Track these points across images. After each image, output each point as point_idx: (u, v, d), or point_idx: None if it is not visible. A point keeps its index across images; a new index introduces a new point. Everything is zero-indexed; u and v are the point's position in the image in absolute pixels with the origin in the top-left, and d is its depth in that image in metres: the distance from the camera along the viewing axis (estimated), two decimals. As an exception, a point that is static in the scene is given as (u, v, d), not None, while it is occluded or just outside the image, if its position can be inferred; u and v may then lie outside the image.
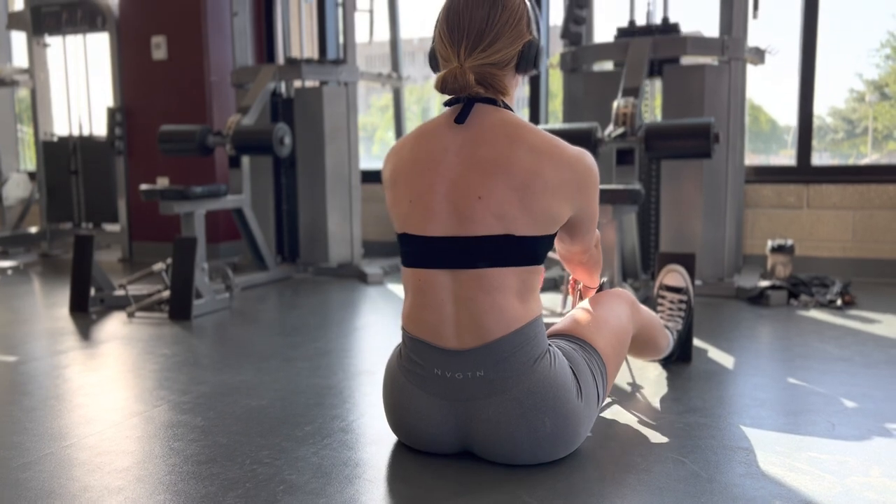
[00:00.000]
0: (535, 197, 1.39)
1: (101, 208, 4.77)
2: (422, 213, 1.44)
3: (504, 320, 1.40)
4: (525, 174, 1.39)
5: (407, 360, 1.50)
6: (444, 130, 1.46)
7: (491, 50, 1.41)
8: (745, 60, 3.38)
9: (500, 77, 1.45)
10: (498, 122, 1.43)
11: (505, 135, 1.41)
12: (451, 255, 1.42)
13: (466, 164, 1.41)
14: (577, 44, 3.54)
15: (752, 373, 2.14)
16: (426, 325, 1.45)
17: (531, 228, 1.41)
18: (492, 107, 1.45)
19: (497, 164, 1.39)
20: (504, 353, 1.40)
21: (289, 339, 2.61)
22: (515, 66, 1.46)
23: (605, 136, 2.92)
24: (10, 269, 4.31)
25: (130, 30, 4.53)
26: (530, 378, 1.41)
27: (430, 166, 1.44)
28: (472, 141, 1.42)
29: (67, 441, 1.65)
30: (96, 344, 2.59)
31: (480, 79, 1.42)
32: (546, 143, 1.42)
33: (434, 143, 1.45)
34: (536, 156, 1.40)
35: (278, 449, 1.58)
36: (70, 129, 4.88)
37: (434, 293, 1.44)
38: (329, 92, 3.90)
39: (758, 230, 3.82)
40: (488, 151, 1.40)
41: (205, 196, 3.28)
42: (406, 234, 1.48)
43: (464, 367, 1.42)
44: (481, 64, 1.42)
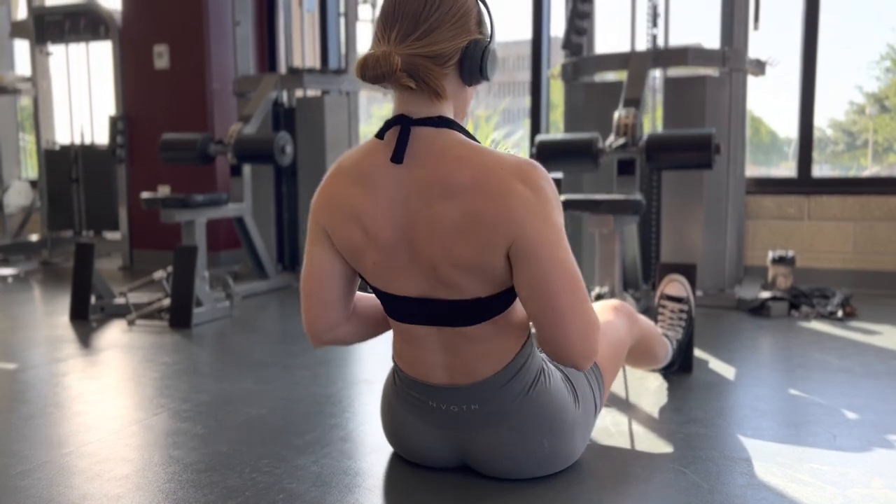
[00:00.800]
0: (478, 249, 1.23)
1: (102, 216, 4.77)
2: (388, 274, 1.31)
3: (494, 361, 1.35)
4: (465, 226, 1.22)
5: (402, 390, 1.46)
6: (386, 171, 1.27)
7: (427, 40, 1.22)
8: (745, 71, 3.39)
9: (437, 74, 1.24)
10: (442, 158, 1.24)
11: (443, 180, 1.23)
12: (428, 314, 1.33)
13: (417, 223, 1.25)
14: (578, 54, 3.55)
15: (753, 383, 2.14)
16: (416, 367, 1.41)
17: (491, 288, 1.28)
18: (432, 130, 1.26)
19: (442, 224, 1.23)
20: (497, 385, 1.36)
21: (289, 348, 2.60)
22: (459, 69, 1.27)
23: (606, 147, 2.93)
24: (11, 276, 4.31)
25: (133, 38, 4.55)
26: (525, 407, 1.37)
27: (385, 225, 1.27)
28: (417, 191, 1.25)
29: (67, 449, 1.65)
30: (96, 352, 2.59)
31: (410, 70, 1.22)
32: (481, 173, 1.22)
33: (381, 193, 1.27)
34: (474, 196, 1.21)
35: (278, 457, 1.58)
36: (72, 137, 4.90)
37: (420, 343, 1.38)
38: (330, 101, 3.91)
39: (759, 241, 3.82)
40: (432, 208, 1.23)
41: (206, 204, 3.29)
42: (377, 290, 1.37)
43: (458, 402, 1.38)
44: (414, 53, 1.22)
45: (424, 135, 1.26)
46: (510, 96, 8.84)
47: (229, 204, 3.57)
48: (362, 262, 1.33)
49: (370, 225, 1.28)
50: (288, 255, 4.13)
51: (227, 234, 4.53)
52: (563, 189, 3.60)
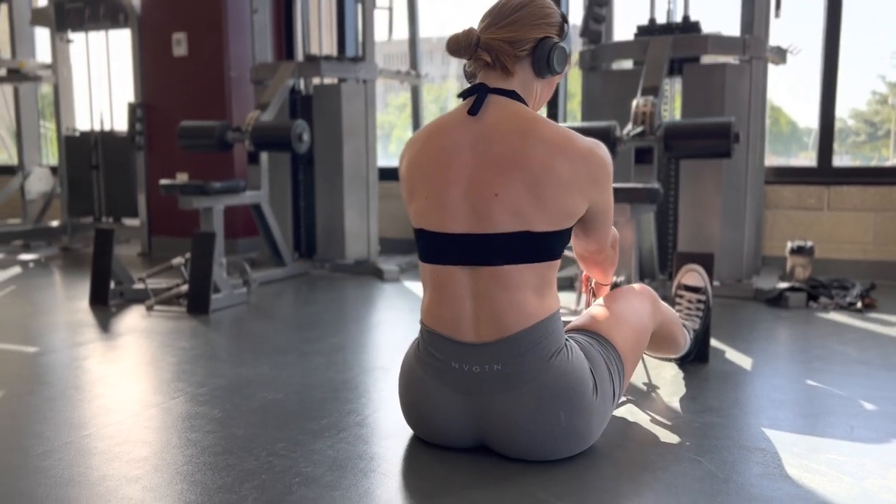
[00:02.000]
0: (549, 192, 1.39)
1: (122, 203, 4.81)
2: (438, 211, 1.44)
3: (522, 315, 1.41)
4: (539, 169, 1.39)
5: (425, 353, 1.50)
6: (458, 125, 1.46)
7: (507, 29, 1.45)
8: (766, 60, 3.35)
9: (510, 54, 1.45)
10: (510, 115, 1.44)
11: (517, 129, 1.42)
12: (469, 252, 1.42)
13: (481, 161, 1.42)
14: (596, 42, 3.52)
15: (770, 374, 2.13)
16: (444, 320, 1.46)
17: (547, 224, 1.41)
18: (505, 98, 1.46)
19: (511, 161, 1.40)
20: (522, 347, 1.41)
21: (305, 335, 2.62)
22: (532, 59, 1.47)
23: (623, 135, 2.91)
24: (32, 262, 4.37)
25: (152, 26, 4.57)
26: (547, 373, 1.41)
27: (445, 164, 1.44)
28: (486, 137, 1.43)
29: (87, 430, 1.67)
30: (115, 336, 2.62)
31: (487, 47, 1.45)
32: (559, 136, 1.42)
33: (448, 140, 1.46)
34: (549, 150, 1.40)
35: (294, 442, 1.59)
36: (92, 124, 4.93)
37: (452, 289, 1.44)
38: (347, 89, 3.91)
39: (777, 231, 3.78)
40: (502, 147, 1.41)
41: (223, 191, 3.30)
42: (423, 230, 1.48)
43: (481, 361, 1.42)
44: (493, 37, 1.45)
45: (498, 100, 1.46)
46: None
47: (247, 191, 3.58)
48: (416, 200, 1.48)
49: (431, 164, 1.46)
50: (305, 243, 4.15)
51: (245, 222, 4.56)
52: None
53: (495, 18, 1.47)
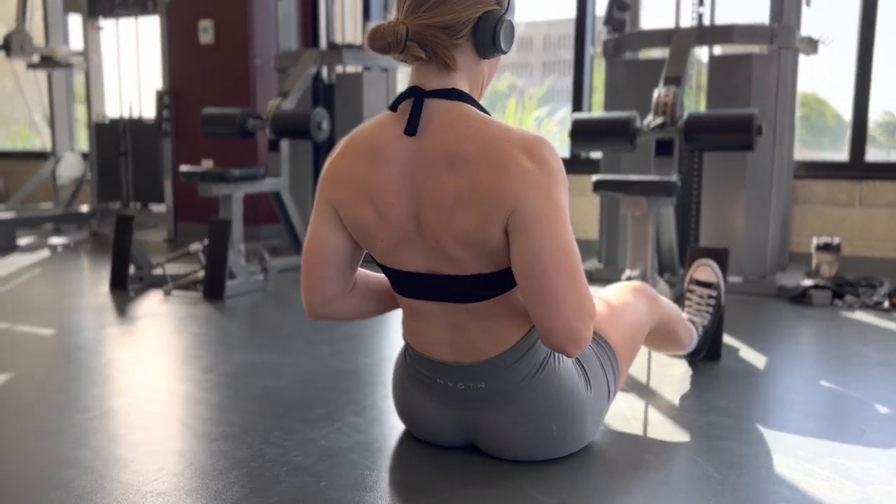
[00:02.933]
0: (477, 223, 1.21)
1: (149, 189, 4.88)
2: (397, 250, 1.31)
3: (499, 342, 1.34)
4: (467, 199, 1.21)
5: (412, 367, 1.46)
6: (398, 143, 1.25)
7: (438, 10, 1.21)
8: (796, 50, 3.25)
9: (447, 45, 1.23)
10: (452, 130, 1.23)
11: (453, 152, 1.22)
12: (434, 290, 1.32)
13: (423, 195, 1.24)
14: (620, 31, 3.45)
15: (783, 374, 2.07)
16: (423, 343, 1.40)
17: (491, 265, 1.26)
18: (445, 103, 1.25)
19: (446, 196, 1.22)
20: (502, 366, 1.35)
21: (315, 323, 2.62)
22: (473, 41, 1.25)
23: (643, 126, 2.85)
24: (61, 246, 4.45)
25: (179, 14, 4.61)
26: (533, 388, 1.36)
27: (394, 199, 1.26)
28: (425, 163, 1.24)
29: (92, 413, 1.69)
30: (131, 320, 2.65)
31: (419, 39, 1.21)
32: (486, 145, 1.21)
33: (392, 166, 1.25)
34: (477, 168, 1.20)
35: (289, 430, 1.59)
36: (121, 111, 5.00)
37: (428, 319, 1.38)
38: (369, 78, 3.90)
39: (806, 227, 3.68)
40: (437, 180, 1.22)
41: (242, 179, 3.32)
42: (385, 266, 1.37)
43: (465, 379, 1.38)
44: (423, 24, 1.21)
45: (436, 107, 1.25)
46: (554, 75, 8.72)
47: (266, 179, 3.60)
48: (371, 239, 1.31)
49: (380, 200, 1.26)
50: (325, 231, 4.15)
51: (268, 209, 4.58)
52: (600, 169, 3.53)
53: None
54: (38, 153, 5.97)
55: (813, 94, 5.34)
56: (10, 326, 2.50)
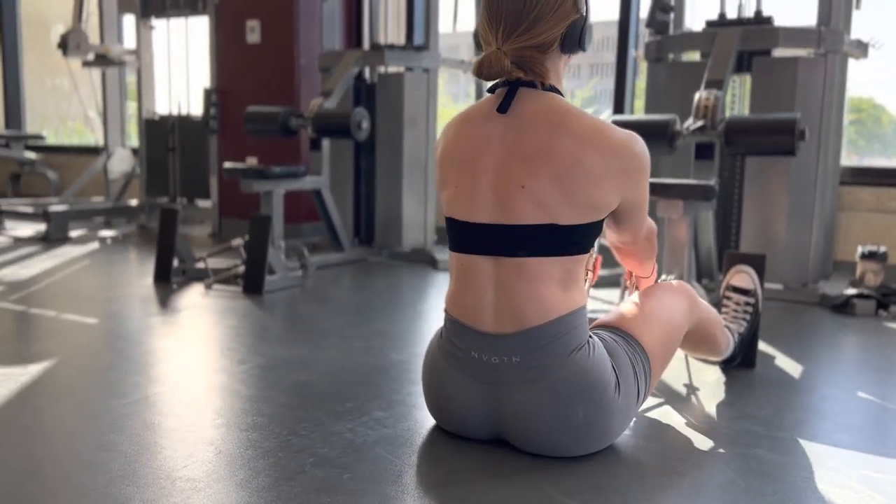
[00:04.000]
0: (578, 185, 1.37)
1: (195, 185, 5.00)
2: (466, 200, 1.44)
3: (543, 309, 1.39)
4: (568, 162, 1.37)
5: (447, 341, 1.51)
6: (488, 118, 1.44)
7: (530, 34, 1.38)
8: (844, 54, 3.17)
9: (541, 60, 1.42)
10: (541, 108, 1.41)
11: (547, 121, 1.39)
12: (493, 242, 1.42)
13: (509, 152, 1.40)
14: (663, 33, 3.42)
15: (819, 384, 2.03)
16: (467, 309, 1.46)
17: (575, 217, 1.39)
18: (535, 91, 1.43)
19: (539, 153, 1.38)
20: (541, 340, 1.39)
21: (351, 319, 2.66)
22: (560, 47, 1.43)
23: (683, 129, 2.82)
24: (111, 238, 4.59)
25: (228, 13, 4.71)
26: (566, 368, 1.39)
27: (474, 155, 1.43)
28: (515, 128, 1.41)
29: (128, 399, 1.75)
30: (172, 312, 2.72)
31: (519, 62, 1.40)
32: (590, 128, 1.39)
33: (477, 131, 1.45)
34: (579, 142, 1.37)
35: (316, 423, 1.62)
36: (170, 108, 5.13)
37: (476, 278, 1.44)
38: (411, 78, 3.93)
39: (852, 235, 3.59)
40: (530, 140, 1.39)
41: (283, 176, 3.38)
42: (451, 219, 1.49)
43: (500, 352, 1.41)
44: (520, 47, 1.39)
45: (528, 93, 1.43)
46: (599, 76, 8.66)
47: (307, 177, 3.66)
48: (448, 188, 1.48)
49: (462, 154, 1.45)
50: (364, 229, 4.21)
51: (309, 207, 4.64)
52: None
53: (511, 22, 1.38)
54: (91, 148, 6.16)
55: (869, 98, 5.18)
56: (58, 314, 2.59)
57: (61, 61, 5.32)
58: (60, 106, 7.15)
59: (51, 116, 7.31)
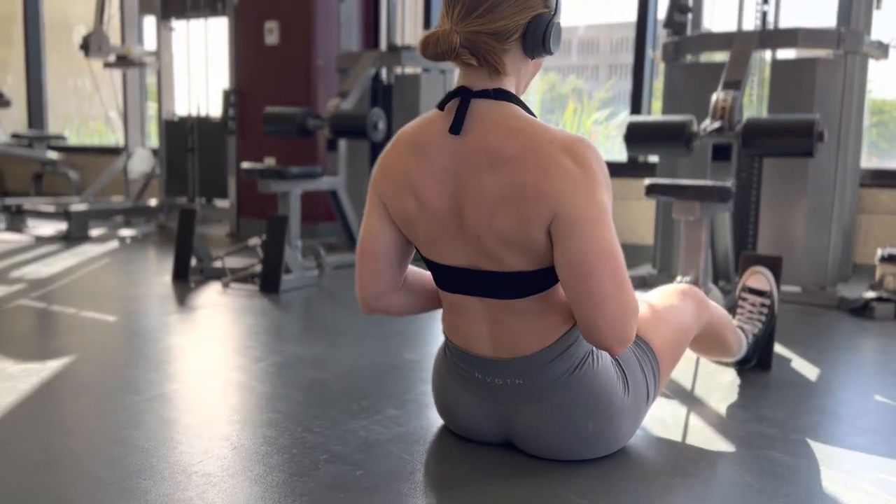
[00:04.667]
0: (518, 223, 1.24)
1: (214, 185, 5.04)
2: (438, 245, 1.35)
3: (537, 338, 1.36)
4: (507, 197, 1.23)
5: (451, 361, 1.49)
6: (441, 140, 1.29)
7: (489, 17, 1.23)
8: (864, 55, 3.14)
9: (498, 51, 1.25)
10: (493, 127, 1.26)
11: (494, 152, 1.25)
12: (475, 285, 1.35)
13: (465, 192, 1.28)
14: (680, 34, 3.41)
15: (836, 387, 2.01)
16: (463, 337, 1.43)
17: (531, 264, 1.29)
18: (490, 102, 1.27)
19: (488, 194, 1.25)
20: (541, 363, 1.37)
21: (366, 318, 2.67)
22: (522, 44, 1.27)
23: (700, 130, 2.81)
24: (130, 237, 4.64)
25: (247, 15, 4.75)
26: (570, 386, 1.37)
27: (436, 194, 1.30)
28: (467, 161, 1.27)
29: (145, 396, 1.78)
30: (190, 310, 2.75)
31: (471, 46, 1.24)
32: (528, 144, 1.23)
33: (435, 162, 1.30)
34: (518, 168, 1.23)
35: (331, 420, 1.63)
36: (189, 109, 5.18)
37: (467, 313, 1.40)
38: (427, 79, 3.95)
39: (871, 238, 3.55)
40: (479, 178, 1.26)
41: (300, 177, 3.41)
42: (428, 260, 1.41)
43: (502, 375, 1.40)
44: (474, 31, 1.23)
45: (482, 107, 1.28)
46: (616, 77, 8.62)
47: (324, 177, 3.68)
48: (415, 232, 1.37)
49: (423, 194, 1.31)
50: (380, 230, 4.22)
51: (326, 207, 4.67)
52: (657, 173, 3.48)
53: (468, 2, 1.23)
54: (112, 148, 6.23)
55: (893, 100, 5.12)
56: (77, 312, 2.63)
57: (83, 62, 5.40)
58: (82, 106, 7.25)
59: (72, 117, 7.41)
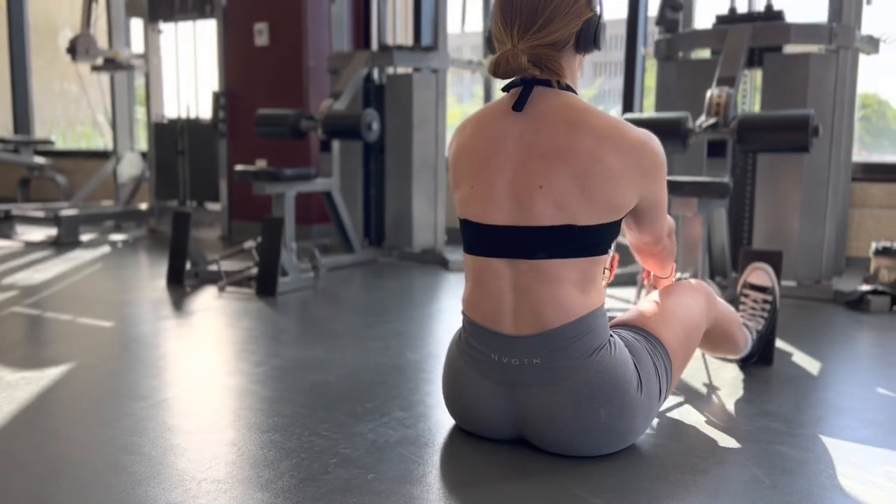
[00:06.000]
0: (596, 184, 1.37)
1: (205, 188, 5.01)
2: (482, 201, 1.43)
3: (562, 311, 1.39)
4: (586, 161, 1.36)
5: (466, 343, 1.50)
6: (504, 116, 1.44)
7: (546, 31, 1.38)
8: (856, 50, 3.16)
9: (557, 58, 1.40)
10: (557, 107, 1.40)
11: (564, 120, 1.39)
12: (510, 244, 1.41)
13: (526, 152, 1.40)
14: (673, 31, 3.41)
15: (838, 380, 2.02)
16: (485, 312, 1.45)
17: (593, 217, 1.38)
18: (551, 90, 1.42)
19: (556, 153, 1.37)
20: (561, 342, 1.39)
21: (365, 320, 2.66)
22: (575, 46, 1.42)
23: (695, 127, 2.81)
24: (121, 242, 4.60)
25: (236, 17, 4.72)
26: (587, 369, 1.39)
27: (490, 154, 1.42)
28: (532, 128, 1.40)
29: (146, 402, 1.76)
30: (186, 315, 2.73)
31: (535, 60, 1.39)
32: (608, 127, 1.38)
33: (494, 130, 1.44)
34: (597, 141, 1.36)
35: (337, 423, 1.62)
36: (179, 111, 5.15)
37: (493, 281, 1.44)
38: (419, 79, 3.93)
39: (863, 232, 3.58)
40: (547, 139, 1.38)
41: (295, 178, 3.39)
42: (466, 221, 1.48)
43: (520, 354, 1.41)
44: (535, 45, 1.38)
45: (544, 92, 1.42)
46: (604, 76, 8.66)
47: (318, 179, 3.66)
48: (462, 189, 1.47)
49: (477, 154, 1.44)
50: (374, 231, 4.21)
51: (319, 208, 4.65)
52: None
53: (526, 20, 1.38)
54: (101, 152, 6.18)
55: (874, 94, 5.16)
56: (74, 318, 2.60)
57: (70, 66, 5.35)
58: (69, 110, 7.18)
59: (59, 121, 7.34)
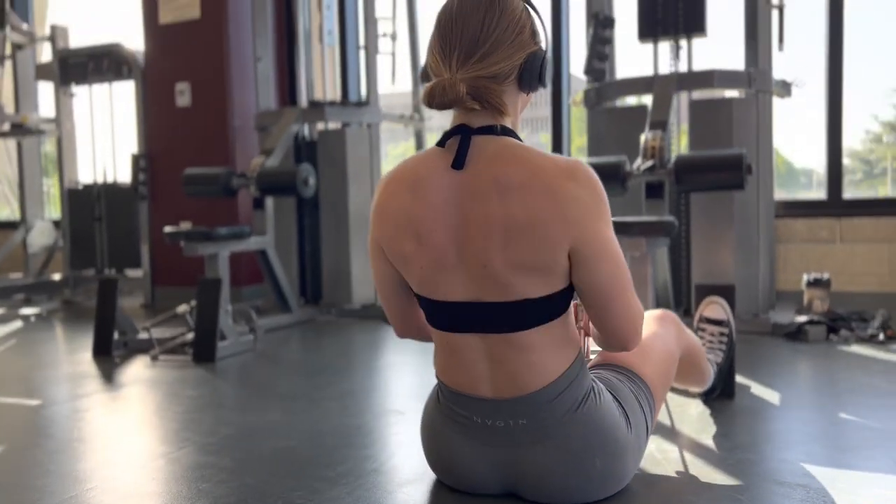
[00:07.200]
0: (535, 253, 1.23)
1: (125, 254, 4.77)
2: (435, 279, 1.31)
3: (541, 375, 1.31)
4: (519, 230, 1.23)
5: (446, 407, 1.41)
6: (442, 175, 1.28)
7: (487, 61, 1.25)
8: (771, 93, 3.34)
9: (498, 92, 1.27)
10: (493, 159, 1.26)
11: (497, 183, 1.24)
12: (474, 320, 1.31)
13: (465, 226, 1.26)
14: (600, 80, 3.53)
15: (800, 408, 2.05)
16: (461, 378, 1.37)
17: (544, 288, 1.27)
18: (490, 138, 1.28)
19: (490, 227, 1.24)
20: (544, 400, 1.32)
21: (314, 380, 2.54)
22: (518, 82, 1.30)
23: (633, 170, 2.88)
24: (34, 316, 4.30)
25: (155, 77, 4.59)
26: (576, 423, 1.33)
27: (433, 228, 1.28)
28: (469, 195, 1.26)
29: (91, 484, 1.59)
30: (119, 387, 2.54)
31: (474, 93, 1.25)
32: (534, 171, 1.24)
33: (435, 196, 1.28)
34: (528, 198, 1.22)
35: (310, 489, 1.51)
36: (94, 176, 4.92)
37: (465, 353, 1.35)
38: (352, 133, 3.91)
39: (790, 265, 3.72)
40: (482, 208, 1.24)
41: (229, 237, 3.26)
42: (423, 298, 1.36)
43: (505, 416, 1.34)
44: (476, 76, 1.25)
45: (483, 141, 1.29)
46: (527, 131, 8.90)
47: (252, 237, 3.54)
48: (411, 270, 1.33)
49: (420, 227, 1.29)
50: (311, 288, 4.09)
51: (250, 269, 4.50)
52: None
53: (466, 49, 1.25)
54: (7, 223, 5.82)
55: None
56: (-8, 398, 2.37)
57: (-27, 133, 5.05)
58: (-31, 180, 6.76)
59: (-42, 192, 6.90)
